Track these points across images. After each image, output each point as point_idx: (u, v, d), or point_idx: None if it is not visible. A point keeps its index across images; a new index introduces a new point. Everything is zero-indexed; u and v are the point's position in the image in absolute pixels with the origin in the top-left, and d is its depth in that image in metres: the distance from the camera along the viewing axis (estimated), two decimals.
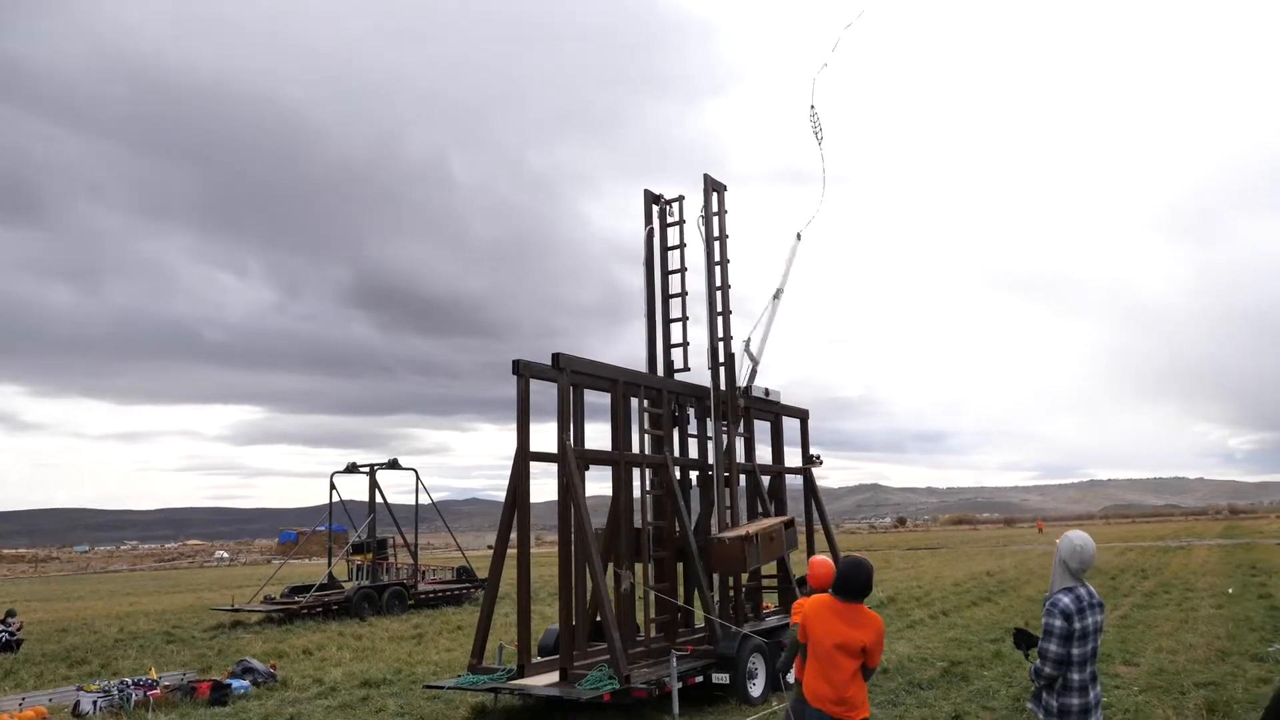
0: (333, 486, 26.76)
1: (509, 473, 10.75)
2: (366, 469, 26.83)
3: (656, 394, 12.18)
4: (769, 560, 12.65)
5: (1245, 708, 9.42)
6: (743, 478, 13.61)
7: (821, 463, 15.42)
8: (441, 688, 10.89)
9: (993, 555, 46.23)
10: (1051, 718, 5.40)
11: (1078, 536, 5.50)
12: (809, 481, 15.27)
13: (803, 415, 15.55)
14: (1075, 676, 5.32)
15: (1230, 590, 21.75)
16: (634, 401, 11.98)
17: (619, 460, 11.27)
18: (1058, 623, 5.28)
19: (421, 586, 27.28)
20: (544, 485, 11.32)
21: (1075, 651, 5.30)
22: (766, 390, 14.30)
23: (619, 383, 11.31)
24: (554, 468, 10.77)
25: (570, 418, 10.65)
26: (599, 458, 11.32)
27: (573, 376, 10.84)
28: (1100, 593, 5.88)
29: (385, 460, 26.90)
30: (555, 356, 10.47)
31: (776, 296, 14.07)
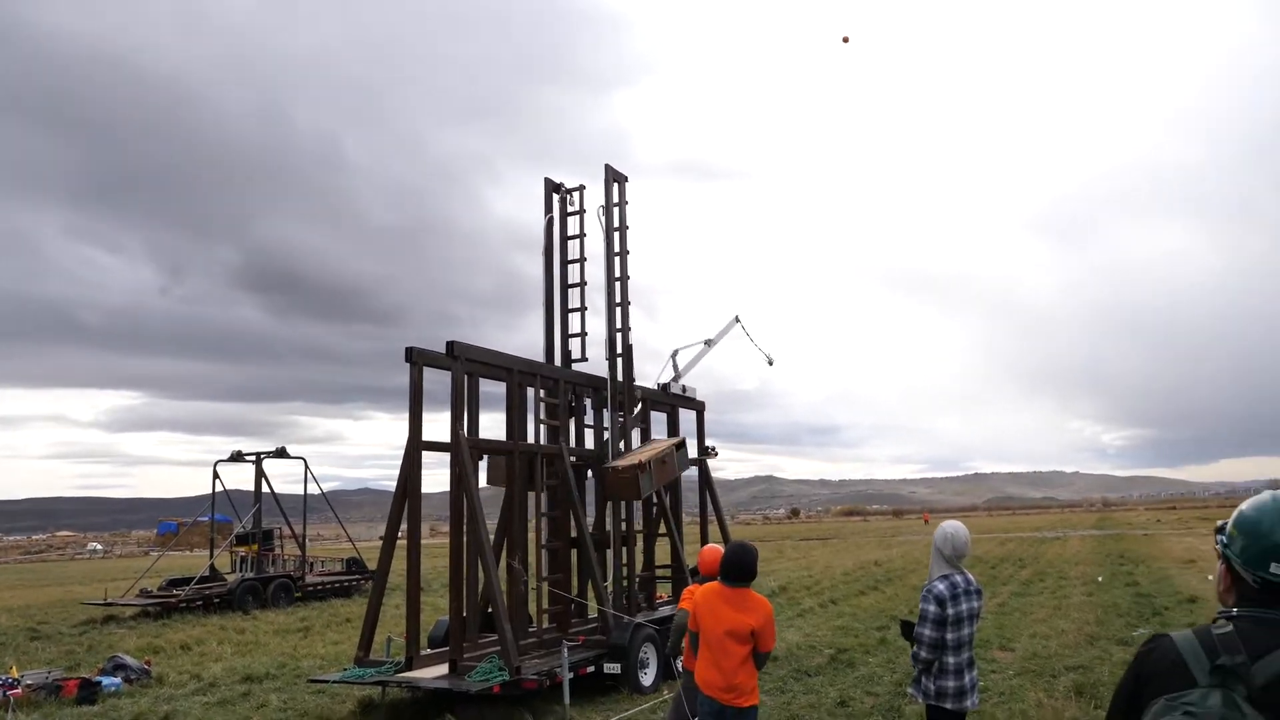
0: (216, 476, 25.83)
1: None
2: (252, 457, 25.97)
3: (553, 384, 12.10)
4: (663, 483, 12.80)
5: (1110, 689, 9.84)
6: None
7: (717, 454, 15.59)
8: (326, 682, 10.63)
9: (881, 545, 47.54)
10: (930, 700, 5.57)
11: (950, 525, 5.72)
12: (704, 473, 15.41)
13: (699, 407, 15.67)
14: (951, 660, 5.50)
15: (1100, 579, 22.83)
16: (530, 391, 11.89)
17: (514, 450, 11.15)
18: (932, 608, 5.47)
19: (309, 578, 26.61)
20: (437, 475, 11.17)
21: (950, 636, 5.48)
22: (684, 387, 15.12)
23: (514, 372, 11.19)
24: (446, 457, 10.59)
25: (464, 407, 10.48)
26: (493, 448, 11.18)
27: (467, 365, 10.68)
28: (980, 581, 6.10)
29: (273, 449, 26.10)
30: (450, 345, 10.29)
31: (708, 344, 15.84)
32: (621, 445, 12.90)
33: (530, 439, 11.69)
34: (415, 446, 10.39)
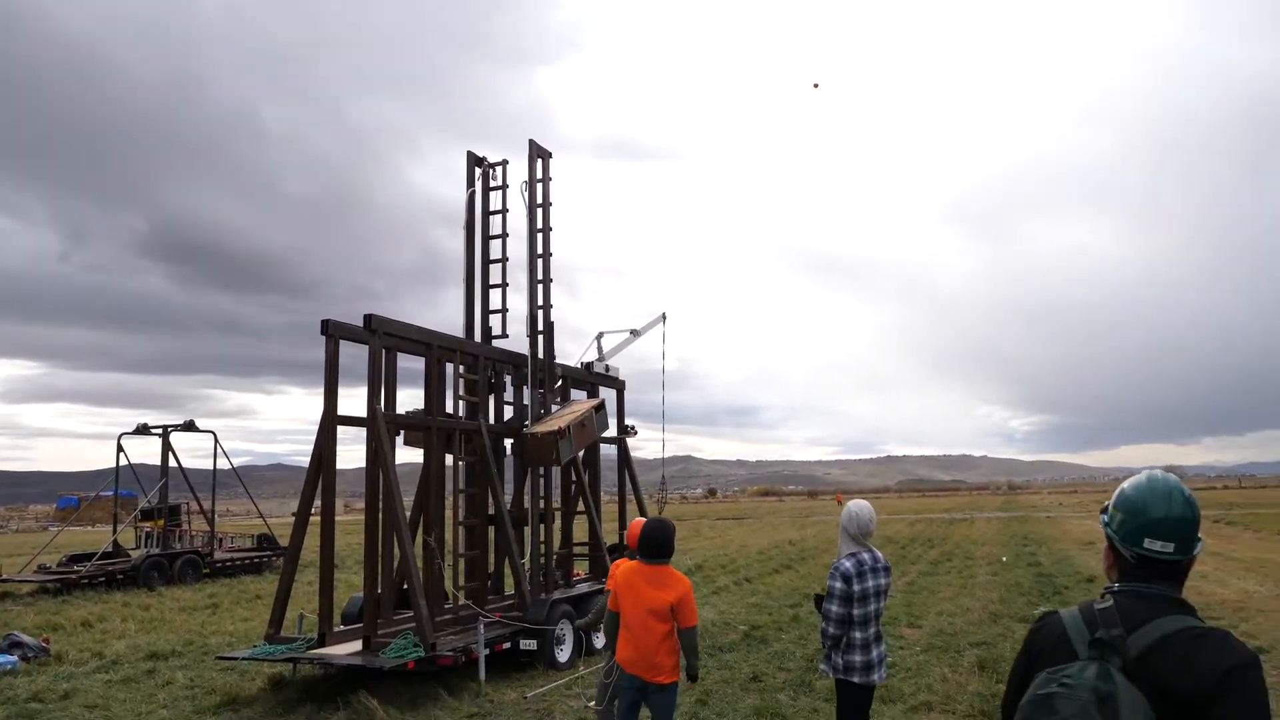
0: (120, 449, 25.02)
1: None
2: (159, 430, 25.21)
3: (473, 360, 11.99)
4: (583, 448, 12.85)
5: (1010, 665, 10.23)
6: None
7: (636, 433, 15.65)
8: (236, 659, 10.42)
9: (795, 525, 48.41)
10: (839, 674, 5.73)
11: (855, 505, 5.87)
12: (623, 451, 15.46)
13: (619, 386, 15.70)
14: (857, 635, 5.66)
15: (1004, 559, 23.62)
16: (449, 367, 11.77)
17: (431, 426, 11.03)
18: (838, 585, 5.63)
19: (218, 554, 25.96)
20: (352, 451, 11.00)
21: (856, 612, 5.63)
22: (607, 367, 15.19)
23: (433, 347, 11.05)
24: (362, 432, 10.44)
25: (381, 382, 10.32)
26: (411, 423, 11.05)
27: (385, 339, 10.52)
28: (890, 560, 6.27)
29: (181, 422, 25.36)
30: (367, 318, 10.12)
31: (634, 333, 15.90)
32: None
33: (449, 415, 11.58)
34: (331, 421, 10.21)
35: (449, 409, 11.68)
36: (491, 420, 12.52)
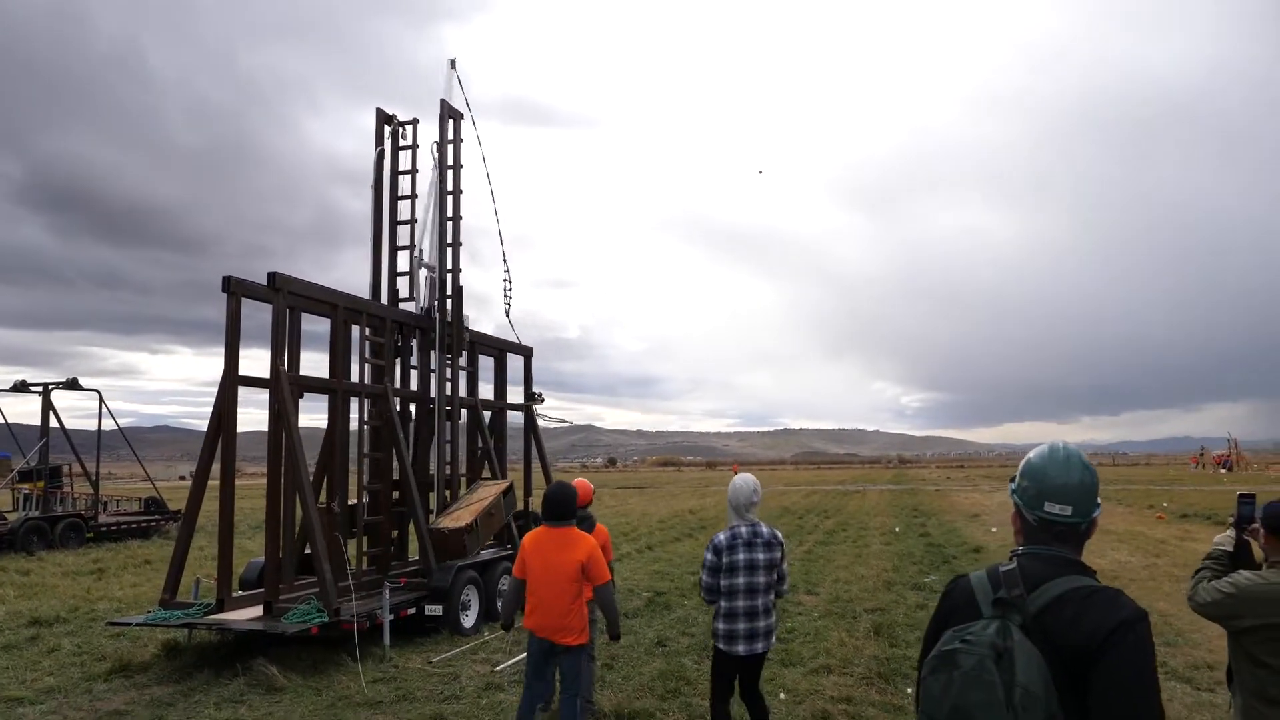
0: None
1: (208, 399, 10.06)
2: (39, 389, 24.08)
3: (379, 322, 11.78)
4: (490, 535, 12.61)
5: (905, 629, 10.63)
6: (464, 412, 13.53)
7: (543, 400, 15.62)
8: (128, 625, 10.09)
9: (695, 495, 49.08)
10: (716, 642, 5.84)
11: (738, 479, 6.00)
12: (530, 419, 15.44)
13: (527, 353, 15.64)
14: (732, 604, 5.71)
15: (896, 529, 24.41)
16: (355, 330, 11.55)
17: (336, 389, 10.82)
18: (708, 557, 5.78)
19: (103, 518, 25.03)
20: (247, 415, 10.71)
21: (724, 583, 5.72)
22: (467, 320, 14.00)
23: (339, 308, 10.82)
24: (258, 396, 10.18)
25: (285, 342, 10.05)
26: (315, 385, 10.80)
27: (290, 298, 10.25)
28: (787, 530, 6.47)
29: (63, 379, 24.25)
30: (271, 276, 9.83)
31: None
32: (449, 390, 12.72)
33: (354, 378, 11.38)
34: (231, 381, 9.91)
35: (354, 372, 11.47)
36: (398, 385, 12.34)
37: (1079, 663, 2.29)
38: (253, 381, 10.17)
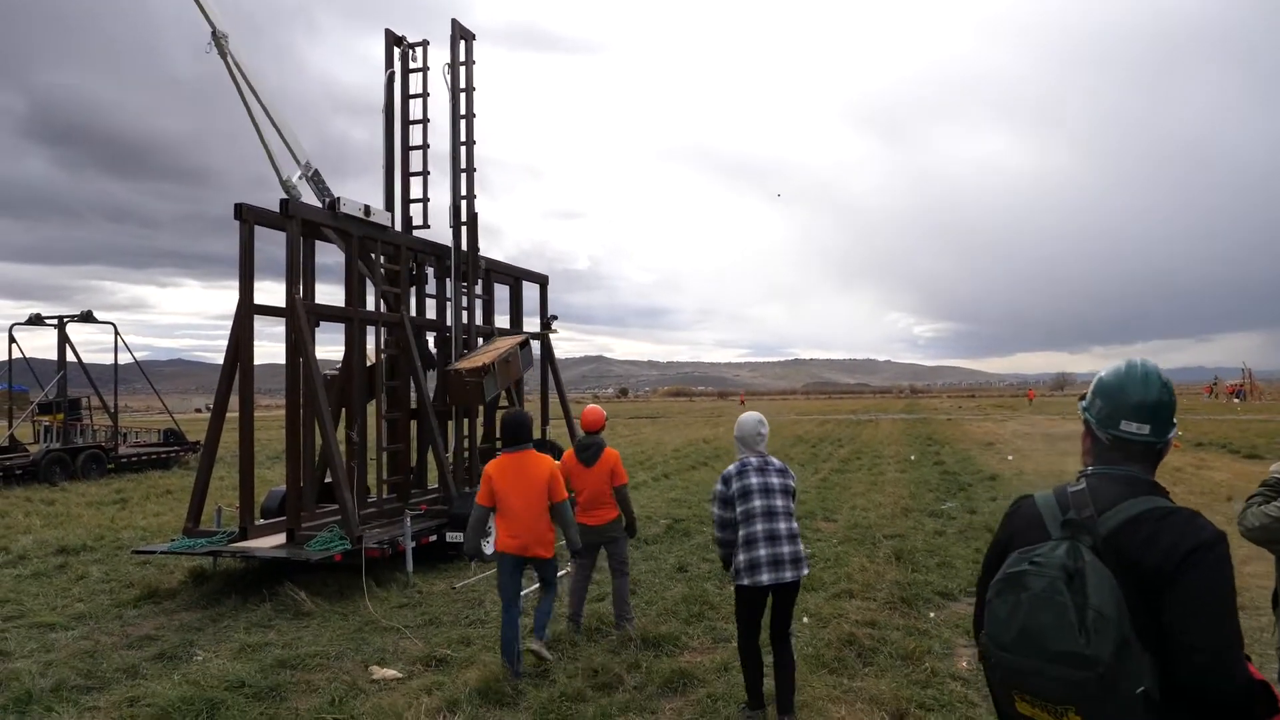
0: (13, 340, 23.93)
1: (220, 332, 9.98)
2: (54, 321, 24.12)
3: (394, 250, 11.65)
4: (508, 385, 12.65)
5: (924, 555, 10.65)
6: (480, 340, 13.47)
7: (557, 329, 15.52)
8: (153, 553, 10.19)
9: (708, 424, 49.25)
10: (741, 576, 5.51)
11: (744, 416, 5.94)
12: (546, 346, 15.37)
13: (542, 281, 15.52)
14: (750, 530, 5.47)
15: (912, 457, 24.45)
16: (370, 258, 11.43)
17: (353, 317, 10.74)
18: (717, 488, 5.69)
19: (123, 450, 25.28)
20: (263, 348, 10.63)
21: (740, 509, 5.53)
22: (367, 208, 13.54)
23: (353, 236, 10.69)
24: (271, 328, 10.12)
25: (299, 270, 9.94)
26: (331, 313, 10.73)
27: (303, 226, 10.12)
28: (803, 458, 6.42)
29: (77, 312, 24.27)
30: (284, 203, 9.67)
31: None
32: (465, 318, 12.65)
33: (369, 306, 11.29)
34: (246, 311, 9.84)
35: (369, 301, 11.38)
36: (414, 313, 12.26)
37: (1154, 585, 2.22)
38: (269, 311, 10.10)
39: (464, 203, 12.67)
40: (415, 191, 12.91)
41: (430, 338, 12.85)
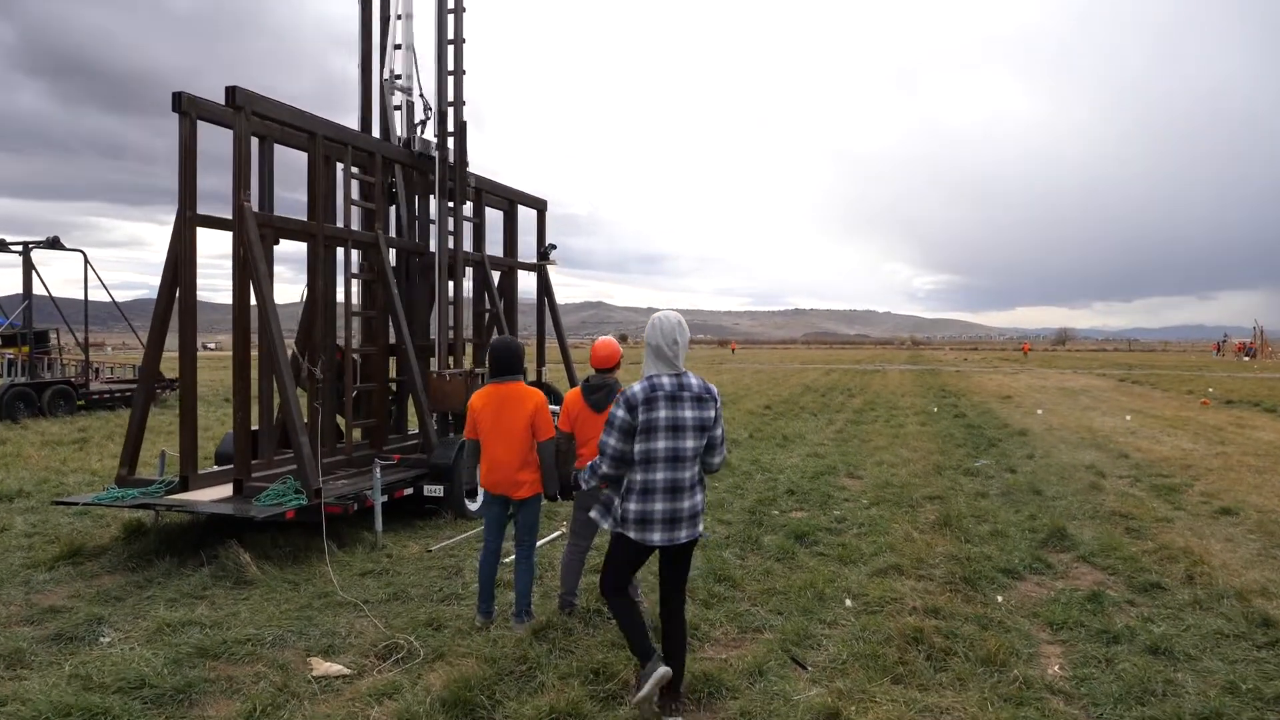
0: None
1: (224, 271, 8.35)
2: (19, 248, 22.50)
3: (368, 159, 10.06)
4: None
5: (972, 521, 9.24)
6: (469, 270, 11.92)
7: (555, 260, 13.96)
8: (74, 504, 8.76)
9: (710, 372, 47.84)
10: (628, 527, 4.65)
11: (660, 314, 4.76)
12: (543, 279, 13.84)
13: (540, 206, 13.94)
14: (649, 476, 4.58)
15: (934, 409, 23.03)
16: (339, 168, 9.85)
17: (317, 234, 9.16)
18: (618, 414, 4.59)
19: (94, 386, 23.83)
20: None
21: (639, 447, 4.57)
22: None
23: (318, 136, 9.05)
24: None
25: (248, 172, 8.24)
26: (290, 229, 9.14)
27: (255, 122, 8.52)
28: (814, 407, 5.02)
29: (44, 238, 22.64)
30: (230, 90, 8.05)
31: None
32: (451, 243, 11.08)
33: (340, 224, 9.71)
34: (187, 221, 8.27)
35: (339, 217, 9.80)
36: (392, 234, 10.71)
37: None
38: (214, 222, 8.53)
39: (451, 110, 11.05)
40: (396, 99, 11.28)
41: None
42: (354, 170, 9.82)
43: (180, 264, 8.26)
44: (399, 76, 11.13)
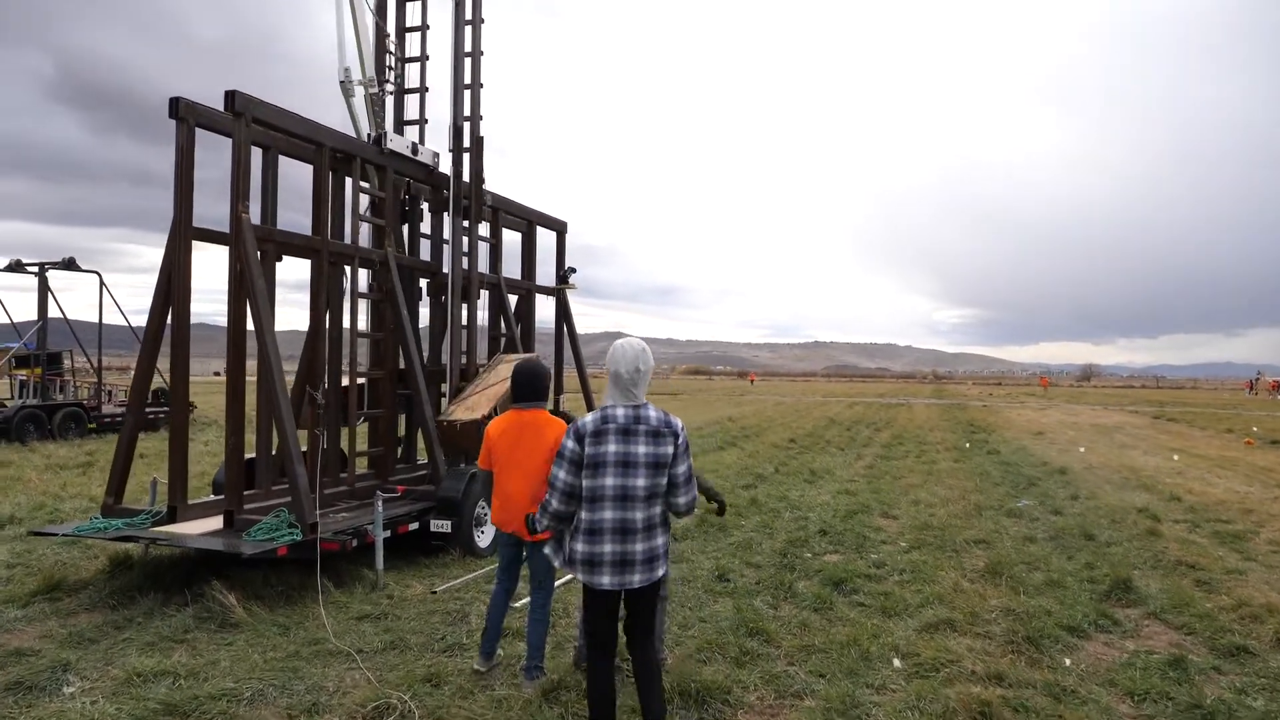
0: None
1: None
2: (35, 268, 22.17)
3: (380, 173, 9.52)
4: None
5: (1023, 569, 8.50)
6: (484, 293, 11.34)
7: (575, 284, 13.36)
8: (51, 535, 8.18)
9: (731, 403, 47.08)
10: (577, 569, 4.35)
11: (620, 342, 4.44)
12: (562, 303, 13.24)
13: (560, 228, 13.37)
14: (596, 515, 4.25)
15: (966, 445, 22.22)
16: (349, 183, 9.29)
17: (321, 249, 8.58)
18: (568, 444, 4.30)
19: (107, 408, 23.39)
20: (286, 315, 8.52)
21: (587, 484, 4.25)
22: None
23: (325, 148, 8.51)
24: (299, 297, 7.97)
25: (246, 181, 7.67)
26: (293, 244, 8.56)
27: (258, 131, 7.99)
28: (841, 441, 4.39)
29: (60, 259, 22.31)
30: (230, 95, 7.51)
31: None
32: (466, 264, 10.50)
33: (347, 239, 9.13)
34: (182, 234, 7.72)
35: (346, 233, 9.24)
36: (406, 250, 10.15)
37: None
38: (210, 236, 7.98)
39: (467, 125, 10.52)
40: (410, 112, 10.79)
41: (423, 284, 10.75)
42: (363, 185, 9.27)
43: (174, 279, 7.70)
44: (412, 90, 10.62)
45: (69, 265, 22.50)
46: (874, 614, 7.11)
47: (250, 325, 7.71)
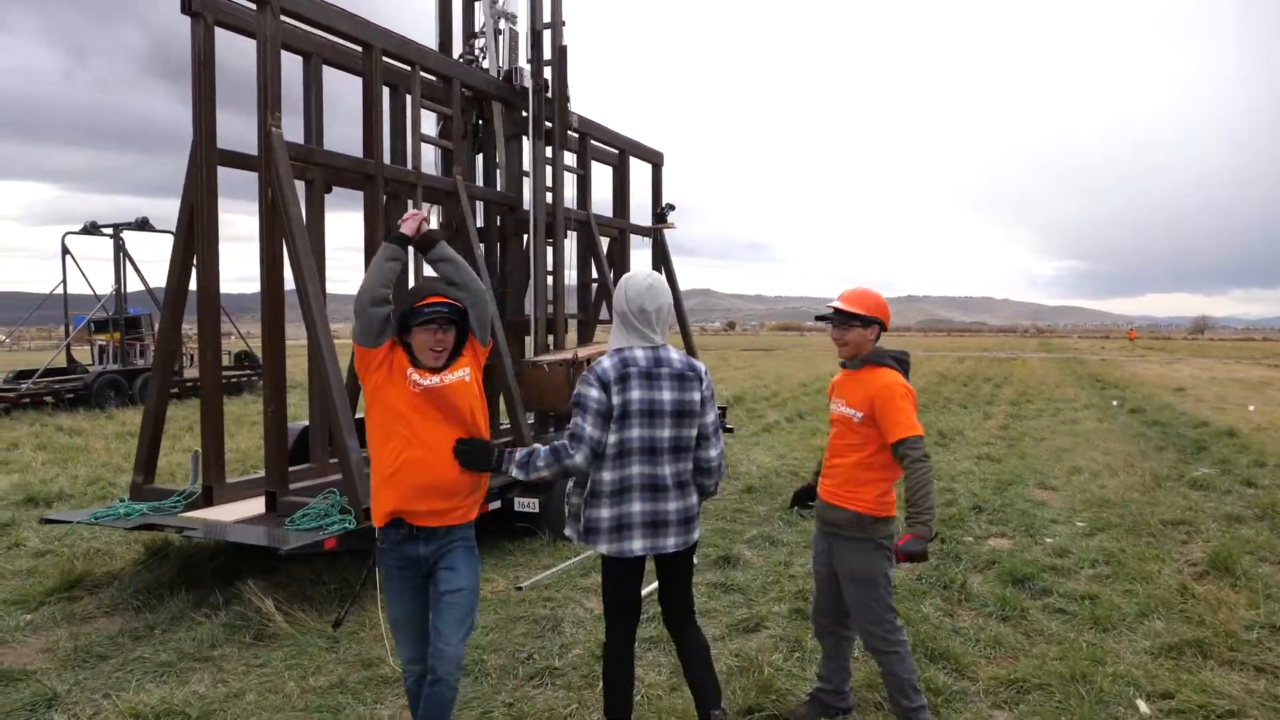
0: (66, 251, 21.45)
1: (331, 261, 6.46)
2: (109, 230, 21.54)
3: (445, 85, 8.02)
4: None
5: (1250, 562, 6.69)
6: (570, 234, 9.83)
7: (673, 221, 11.76)
8: (64, 522, 7.01)
9: (830, 358, 45.02)
10: (599, 539, 3.63)
11: (629, 275, 3.70)
12: (660, 243, 11.66)
13: (657, 160, 11.76)
14: (622, 472, 3.58)
15: (1115, 403, 20.03)
16: (408, 98, 7.82)
17: (375, 176, 7.11)
18: (593, 393, 3.54)
19: (188, 373, 22.79)
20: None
21: (613, 438, 3.55)
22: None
23: (375, 49, 6.99)
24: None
25: (277, 89, 6.19)
26: (339, 167, 7.08)
27: (292, 30, 6.55)
28: (961, 398, 2.87)
29: (134, 220, 21.61)
30: None
31: None
32: (550, 197, 8.98)
33: (408, 164, 7.66)
34: (205, 158, 6.36)
35: (408, 156, 7.78)
36: (478, 182, 8.68)
37: None
38: (239, 160, 6.59)
39: (547, 32, 8.94)
40: (480, 20, 9.27)
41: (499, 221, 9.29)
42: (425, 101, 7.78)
43: (196, 215, 6.34)
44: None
45: (142, 225, 21.81)
46: (1082, 625, 5.44)
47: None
